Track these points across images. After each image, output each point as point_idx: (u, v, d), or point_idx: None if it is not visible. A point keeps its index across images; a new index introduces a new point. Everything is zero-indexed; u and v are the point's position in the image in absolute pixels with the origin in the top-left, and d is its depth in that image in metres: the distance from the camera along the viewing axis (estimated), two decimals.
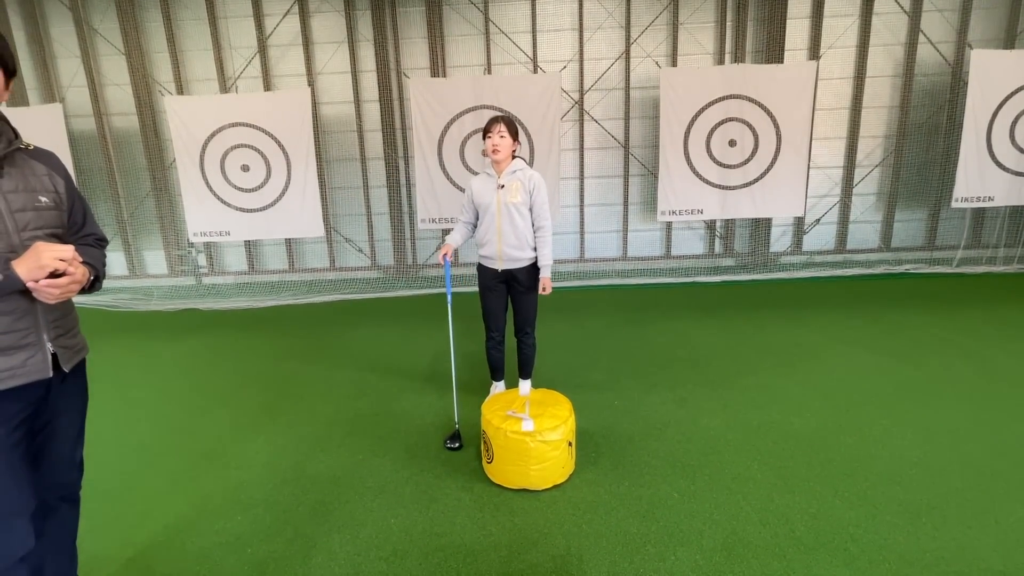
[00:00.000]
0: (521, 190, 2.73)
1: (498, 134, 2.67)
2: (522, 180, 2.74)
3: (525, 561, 1.95)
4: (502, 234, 2.76)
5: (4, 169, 1.36)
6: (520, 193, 2.73)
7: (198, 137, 5.41)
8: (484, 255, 2.86)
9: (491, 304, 2.91)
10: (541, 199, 2.76)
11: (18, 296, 1.33)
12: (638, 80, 5.68)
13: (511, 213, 2.74)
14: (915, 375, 3.26)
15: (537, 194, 2.75)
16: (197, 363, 3.98)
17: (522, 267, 2.81)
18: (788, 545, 1.97)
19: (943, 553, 1.91)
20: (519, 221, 2.75)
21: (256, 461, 2.66)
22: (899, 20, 5.49)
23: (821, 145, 5.70)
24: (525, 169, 2.78)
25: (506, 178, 2.74)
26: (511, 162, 2.76)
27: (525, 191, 2.74)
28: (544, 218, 2.79)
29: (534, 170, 2.81)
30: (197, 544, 2.11)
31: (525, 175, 2.75)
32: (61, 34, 5.65)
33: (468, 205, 2.88)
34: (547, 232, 2.81)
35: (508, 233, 2.76)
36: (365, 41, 5.62)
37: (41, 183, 1.42)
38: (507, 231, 2.75)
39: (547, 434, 2.26)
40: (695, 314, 4.59)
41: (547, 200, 2.79)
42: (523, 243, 2.78)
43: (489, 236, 2.79)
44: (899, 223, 5.95)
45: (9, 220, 1.33)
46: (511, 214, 2.74)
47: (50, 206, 1.42)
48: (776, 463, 2.45)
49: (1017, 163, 5.29)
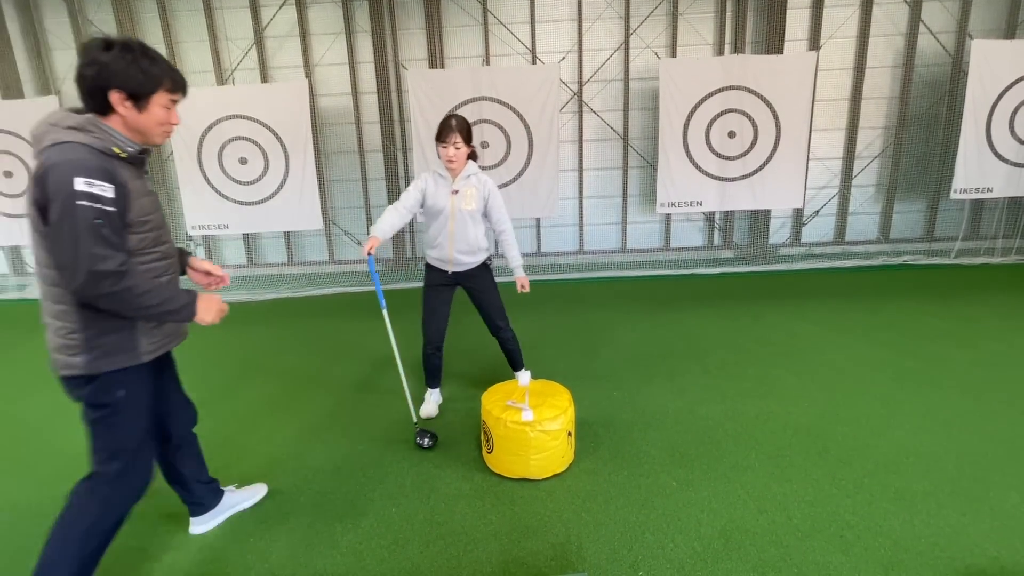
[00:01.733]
0: (476, 197, 2.70)
1: (453, 145, 2.60)
2: (477, 187, 2.70)
3: (525, 549, 1.97)
4: (454, 239, 2.72)
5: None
6: (475, 200, 2.70)
7: (195, 130, 5.38)
8: (434, 256, 2.80)
9: (434, 303, 2.84)
10: (498, 204, 2.76)
11: None
12: (637, 71, 5.65)
13: (465, 219, 2.70)
14: (912, 365, 3.28)
15: (492, 200, 2.74)
16: (196, 357, 3.98)
17: (471, 269, 2.80)
18: (785, 532, 1.99)
19: (938, 539, 1.93)
20: (471, 228, 2.72)
21: (257, 452, 2.67)
22: (900, 10, 5.46)
23: (820, 136, 5.69)
24: (479, 174, 2.74)
25: (461, 183, 2.69)
26: (465, 166, 2.71)
27: (480, 198, 2.71)
28: (504, 222, 2.79)
29: (487, 175, 2.78)
30: (199, 535, 2.12)
31: (479, 180, 2.72)
32: (55, 25, 5.61)
33: (415, 195, 2.71)
34: (510, 234, 2.82)
35: (460, 239, 2.72)
36: (363, 32, 5.58)
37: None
38: (459, 237, 2.72)
39: (547, 424, 2.28)
40: (694, 306, 4.60)
41: (503, 204, 2.79)
42: (474, 248, 2.76)
43: (441, 240, 2.74)
44: (898, 214, 5.96)
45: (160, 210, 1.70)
46: (465, 220, 2.70)
47: None
48: (774, 452, 2.47)
49: (1016, 154, 5.29)
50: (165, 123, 1.63)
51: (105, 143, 1.51)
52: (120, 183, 1.49)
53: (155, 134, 1.63)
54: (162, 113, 1.60)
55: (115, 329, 1.59)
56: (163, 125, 1.63)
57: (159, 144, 1.69)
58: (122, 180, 1.51)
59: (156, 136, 1.64)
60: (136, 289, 1.50)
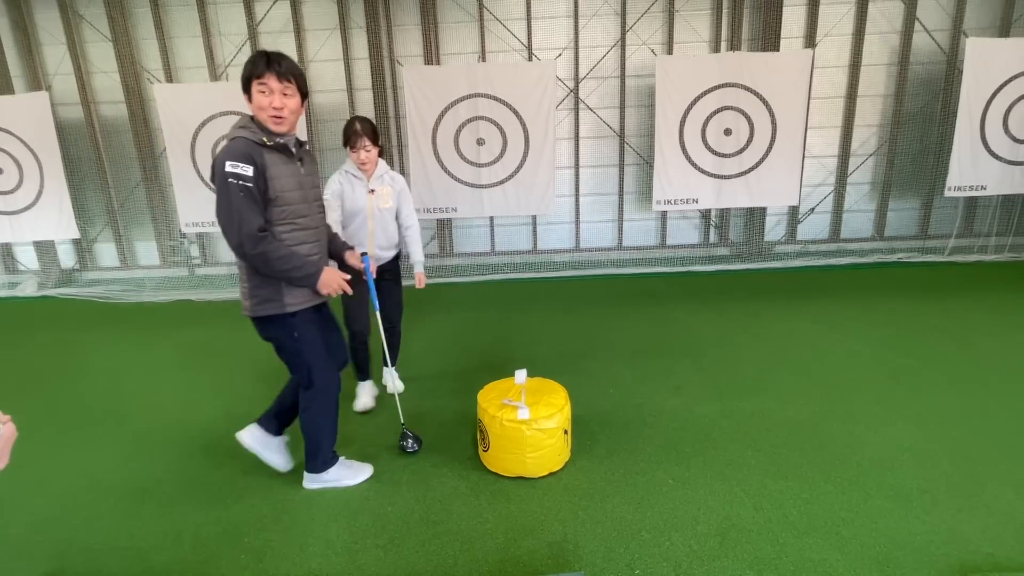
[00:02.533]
0: (391, 195, 2.83)
1: (364, 149, 2.68)
2: (391, 185, 2.83)
3: (521, 548, 1.96)
4: (374, 237, 2.82)
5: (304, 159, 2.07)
6: (391, 198, 2.82)
7: (188, 126, 5.33)
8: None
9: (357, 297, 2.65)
10: (408, 200, 2.90)
11: None
12: (633, 68, 5.64)
13: (383, 217, 2.82)
14: (907, 362, 3.29)
15: (404, 196, 2.88)
16: (190, 354, 3.96)
17: (387, 263, 2.93)
18: (781, 530, 1.99)
19: (933, 536, 1.93)
20: (390, 224, 2.86)
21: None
22: (895, 8, 5.47)
23: (816, 134, 5.69)
24: (390, 172, 2.85)
25: (375, 182, 2.79)
26: (377, 165, 2.80)
27: (395, 195, 2.84)
28: (412, 217, 2.93)
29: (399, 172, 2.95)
30: (193, 534, 2.11)
31: (392, 179, 2.84)
32: (46, 20, 5.53)
33: (336, 203, 2.71)
34: (416, 230, 2.96)
35: (380, 236, 2.84)
36: (357, 28, 5.54)
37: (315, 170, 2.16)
38: (379, 234, 2.83)
39: (543, 422, 2.27)
40: (690, 303, 4.60)
41: (411, 200, 2.94)
42: (392, 243, 2.91)
43: (360, 238, 2.81)
44: (892, 212, 5.98)
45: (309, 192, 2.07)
46: (383, 218, 2.82)
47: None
48: (770, 449, 2.47)
49: (1010, 152, 5.30)
50: (266, 107, 1.88)
51: (257, 136, 1.90)
52: (260, 166, 1.86)
53: (267, 120, 1.91)
54: (260, 98, 1.88)
55: (266, 284, 1.99)
56: (264, 110, 1.89)
57: (281, 131, 1.94)
58: (263, 164, 1.87)
59: (269, 122, 1.91)
60: (273, 253, 1.90)
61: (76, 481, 2.48)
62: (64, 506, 2.31)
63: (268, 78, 1.85)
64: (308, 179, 2.07)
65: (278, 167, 1.92)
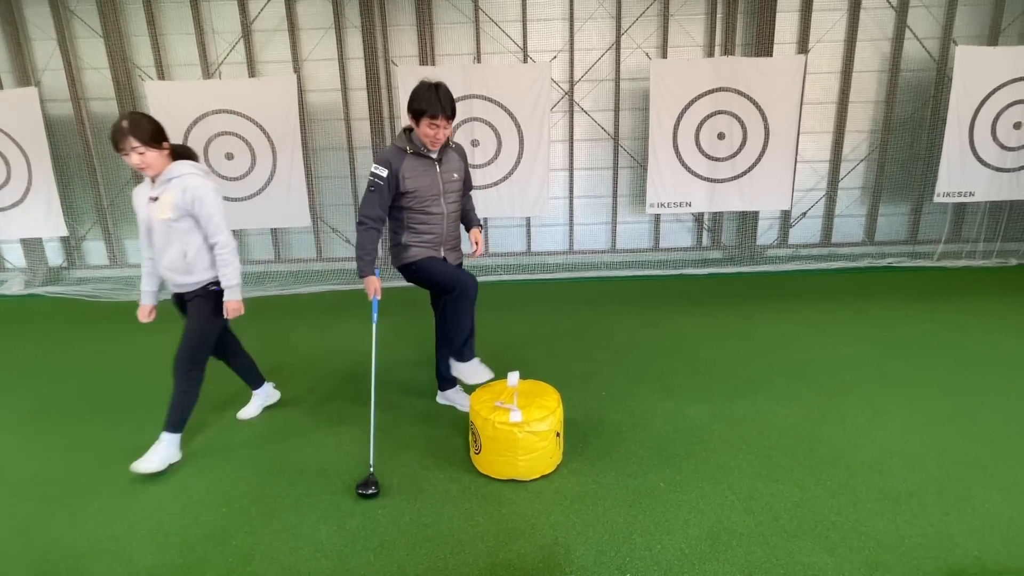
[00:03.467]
0: (172, 205, 2.29)
1: (136, 152, 2.22)
2: (179, 191, 2.29)
3: (512, 551, 1.96)
4: (160, 255, 2.43)
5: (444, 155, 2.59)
6: (170, 209, 2.30)
7: (180, 124, 5.29)
8: (155, 280, 2.59)
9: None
10: (206, 212, 2.32)
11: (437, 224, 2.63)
12: (628, 71, 5.66)
13: (167, 231, 2.34)
14: (896, 366, 3.32)
15: (200, 207, 2.31)
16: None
17: (190, 291, 2.45)
18: (772, 533, 2.00)
19: (921, 539, 1.95)
20: (177, 241, 2.34)
21: (241, 453, 2.63)
22: (886, 15, 5.53)
23: (808, 139, 5.74)
24: (184, 176, 2.31)
25: (159, 188, 2.32)
26: (168, 167, 2.33)
27: (178, 207, 2.30)
28: (217, 234, 2.36)
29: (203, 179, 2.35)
30: (181, 536, 2.08)
31: (183, 184, 2.30)
32: (36, 15, 5.47)
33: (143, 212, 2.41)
34: (225, 249, 2.38)
35: (165, 254, 2.39)
36: (352, 28, 5.52)
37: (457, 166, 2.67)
38: (162, 252, 2.40)
39: (535, 425, 2.26)
40: (682, 306, 4.62)
41: (215, 212, 2.33)
42: (189, 267, 2.38)
43: (156, 255, 2.46)
44: (883, 217, 6.03)
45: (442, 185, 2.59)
46: (167, 232, 2.34)
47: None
48: (760, 452, 2.48)
49: (998, 159, 5.38)
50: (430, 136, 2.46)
51: (404, 144, 2.49)
52: (395, 168, 2.45)
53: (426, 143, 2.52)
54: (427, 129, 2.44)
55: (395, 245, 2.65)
56: (427, 137, 2.47)
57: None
58: (398, 166, 2.45)
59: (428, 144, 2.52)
60: (360, 239, 2.52)
61: (61, 482, 2.44)
62: (49, 508, 2.27)
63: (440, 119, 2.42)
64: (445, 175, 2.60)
65: (414, 169, 2.48)
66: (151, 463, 2.41)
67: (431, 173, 2.53)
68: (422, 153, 2.51)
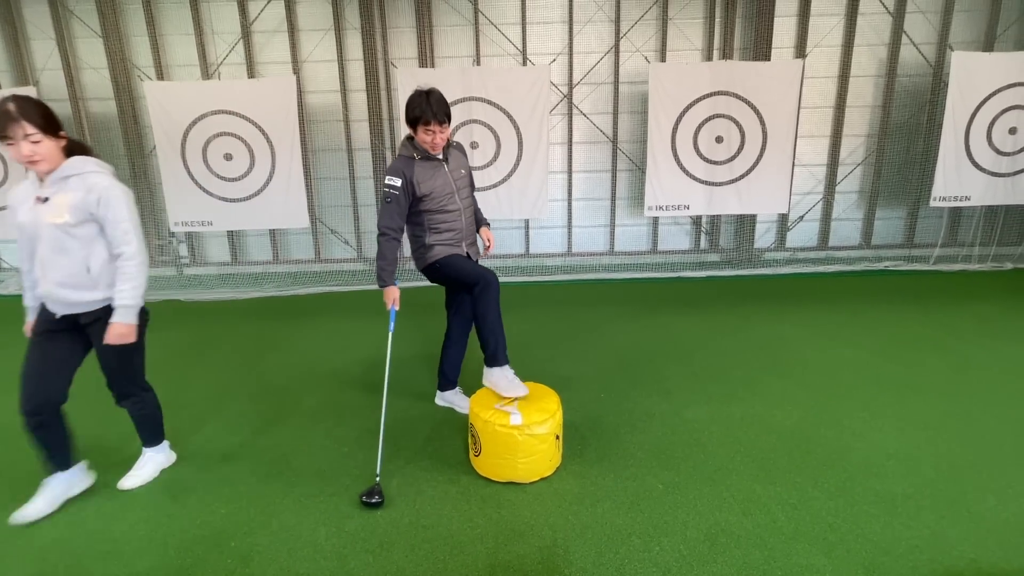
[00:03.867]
0: (71, 207, 1.94)
1: (29, 141, 1.88)
2: (80, 191, 1.96)
3: (511, 553, 1.96)
4: (46, 267, 1.99)
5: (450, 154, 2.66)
6: (69, 211, 1.94)
7: (179, 124, 5.28)
8: (40, 293, 2.09)
9: (33, 361, 2.08)
10: (113, 216, 1.97)
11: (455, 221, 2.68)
12: (627, 75, 5.68)
13: (59, 238, 1.96)
14: (893, 369, 3.34)
15: (107, 210, 1.97)
16: (178, 355, 3.91)
17: (92, 311, 2.06)
18: (769, 535, 2.01)
19: (917, 542, 1.96)
20: (76, 249, 1.98)
21: (239, 454, 2.63)
22: (883, 21, 5.56)
23: (805, 143, 5.77)
24: (87, 174, 1.98)
25: (52, 187, 1.96)
26: (63, 164, 1.98)
27: (79, 209, 1.95)
28: (123, 243, 2.00)
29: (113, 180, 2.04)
30: (179, 538, 2.08)
31: (85, 183, 1.96)
32: (35, 14, 5.46)
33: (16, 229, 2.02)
34: (128, 261, 2.01)
35: (53, 267, 1.99)
36: (352, 29, 5.52)
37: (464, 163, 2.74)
38: (52, 264, 1.98)
39: (535, 428, 2.27)
40: (680, 308, 4.64)
41: (125, 217, 1.99)
42: (95, 281, 2.02)
43: (34, 268, 2.06)
44: (879, 221, 6.07)
45: (453, 183, 2.65)
46: (60, 240, 1.96)
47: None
48: (758, 455, 2.50)
49: (993, 164, 5.41)
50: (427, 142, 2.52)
51: (410, 152, 2.55)
52: (408, 177, 2.51)
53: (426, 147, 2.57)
54: (423, 135, 2.50)
55: (419, 247, 2.69)
56: (425, 143, 2.52)
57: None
58: (410, 175, 2.51)
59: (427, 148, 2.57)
60: (381, 249, 2.54)
61: None
62: None
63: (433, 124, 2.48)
64: (457, 176, 2.68)
65: (424, 173, 2.54)
66: (136, 479, 2.39)
67: (441, 173, 2.61)
68: (428, 156, 2.58)
